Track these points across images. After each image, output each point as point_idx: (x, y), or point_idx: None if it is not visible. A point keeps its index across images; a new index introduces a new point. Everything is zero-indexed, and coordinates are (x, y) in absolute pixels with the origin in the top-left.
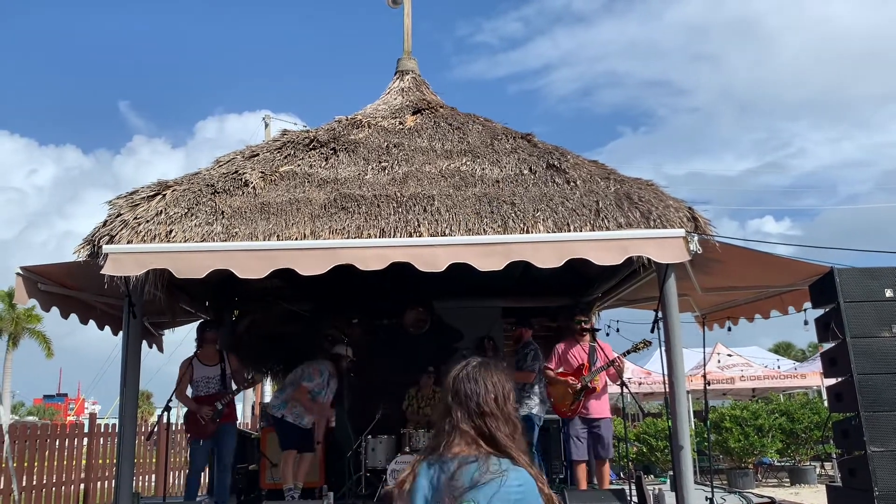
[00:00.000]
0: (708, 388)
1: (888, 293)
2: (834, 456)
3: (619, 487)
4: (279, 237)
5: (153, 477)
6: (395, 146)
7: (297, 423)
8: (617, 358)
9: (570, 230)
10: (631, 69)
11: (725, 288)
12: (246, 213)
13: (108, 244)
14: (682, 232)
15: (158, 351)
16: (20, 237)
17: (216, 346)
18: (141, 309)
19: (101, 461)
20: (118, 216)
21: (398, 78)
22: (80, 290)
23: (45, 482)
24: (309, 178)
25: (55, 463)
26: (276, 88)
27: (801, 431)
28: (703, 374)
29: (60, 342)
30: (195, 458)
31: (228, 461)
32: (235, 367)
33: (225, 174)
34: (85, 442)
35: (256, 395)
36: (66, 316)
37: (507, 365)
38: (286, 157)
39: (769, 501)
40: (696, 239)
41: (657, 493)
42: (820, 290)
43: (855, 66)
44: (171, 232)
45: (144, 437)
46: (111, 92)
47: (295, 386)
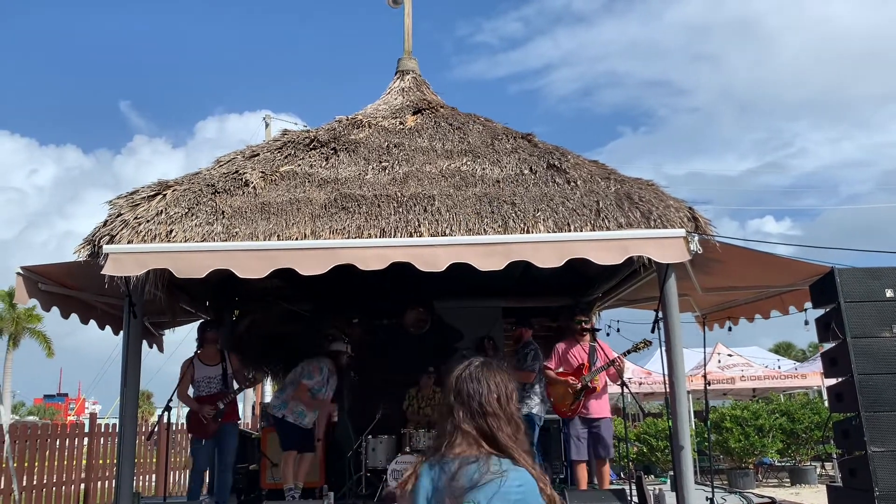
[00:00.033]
0: (708, 388)
1: (889, 293)
2: (834, 456)
3: (619, 487)
4: (279, 237)
5: (153, 477)
6: (395, 146)
7: (297, 423)
8: (617, 358)
9: (570, 230)
10: (631, 69)
11: (726, 288)
12: (246, 212)
13: (108, 244)
14: (682, 232)
15: (159, 351)
16: (21, 237)
17: (217, 345)
18: (141, 309)
19: (101, 461)
20: (118, 216)
21: (398, 78)
22: (80, 289)
23: (45, 482)
24: (309, 177)
25: (55, 463)
26: (276, 88)
27: (801, 431)
28: (703, 374)
29: (61, 342)
30: (197, 457)
31: (229, 461)
32: (237, 366)
33: (225, 174)
34: (85, 442)
35: (257, 394)
36: (66, 316)
37: (508, 365)
38: (287, 156)
39: (770, 501)
40: (696, 239)
41: (657, 493)
42: (820, 290)
43: (855, 66)
44: (171, 232)
45: (145, 436)
46: (112, 92)
47: (295, 385)
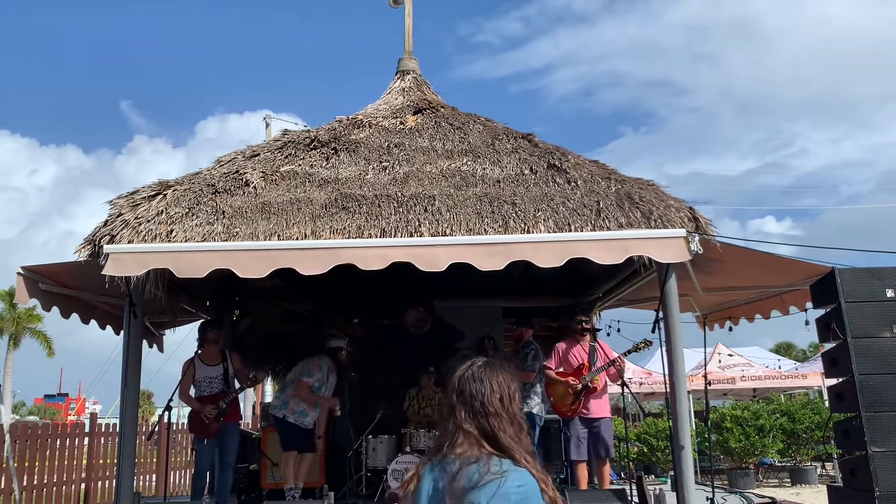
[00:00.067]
0: (709, 388)
1: (889, 293)
2: (835, 456)
3: (619, 487)
4: (280, 237)
5: (154, 477)
6: (395, 146)
7: (298, 423)
8: (617, 358)
9: (570, 230)
10: (632, 69)
11: (726, 288)
12: (247, 212)
13: (108, 244)
14: (682, 232)
15: (159, 351)
16: (21, 237)
17: (218, 345)
18: (142, 309)
19: (101, 461)
20: (119, 216)
21: (399, 78)
22: (80, 289)
23: (45, 482)
24: (310, 177)
25: (56, 463)
26: (276, 88)
27: (801, 432)
28: (703, 374)
29: (61, 342)
30: (200, 457)
31: (230, 460)
32: (238, 366)
33: (226, 174)
34: (86, 442)
35: (257, 394)
36: (66, 316)
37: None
38: (287, 156)
39: (770, 502)
40: (696, 239)
41: (658, 493)
42: (821, 290)
43: (855, 66)
44: (171, 232)
45: (145, 436)
46: (112, 92)
47: (295, 384)
